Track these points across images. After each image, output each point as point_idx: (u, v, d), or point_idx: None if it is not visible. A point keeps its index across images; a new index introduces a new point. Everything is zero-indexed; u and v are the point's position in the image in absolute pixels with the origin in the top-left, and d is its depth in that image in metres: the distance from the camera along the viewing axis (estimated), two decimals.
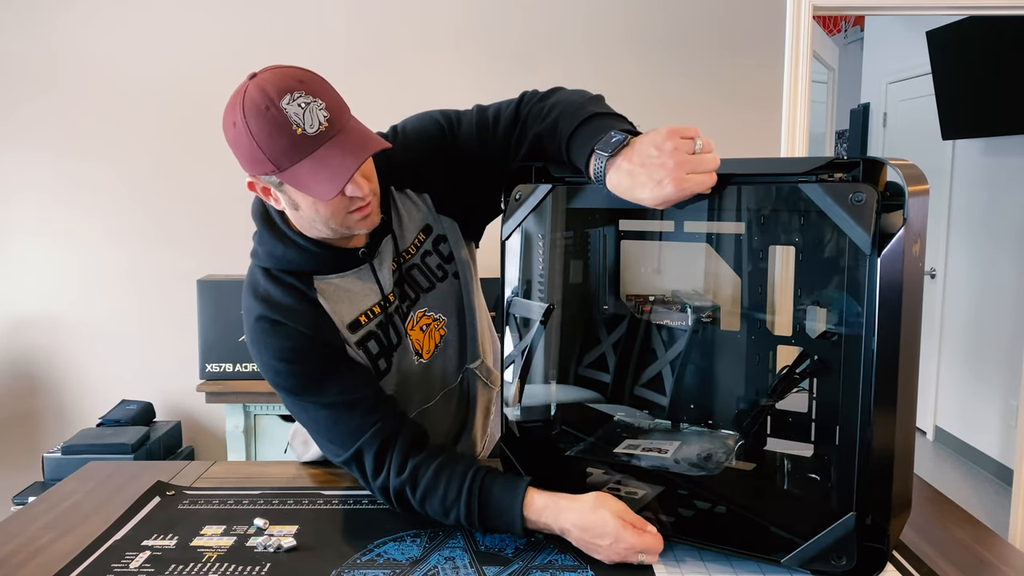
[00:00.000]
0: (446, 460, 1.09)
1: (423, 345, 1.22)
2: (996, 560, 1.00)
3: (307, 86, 1.00)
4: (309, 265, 1.13)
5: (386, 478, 1.09)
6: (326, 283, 1.14)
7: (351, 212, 1.06)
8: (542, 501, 1.04)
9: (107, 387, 2.87)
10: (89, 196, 2.83)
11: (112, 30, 2.77)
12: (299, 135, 0.97)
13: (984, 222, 3.92)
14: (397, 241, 1.19)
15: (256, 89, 0.98)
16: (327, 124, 0.99)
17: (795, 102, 2.78)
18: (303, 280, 1.13)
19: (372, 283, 1.17)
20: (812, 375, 1.01)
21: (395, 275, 1.18)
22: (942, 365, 4.29)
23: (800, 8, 2.74)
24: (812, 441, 1.06)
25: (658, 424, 1.19)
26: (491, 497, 1.05)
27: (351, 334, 1.15)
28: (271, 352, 1.10)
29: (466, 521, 1.06)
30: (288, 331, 1.10)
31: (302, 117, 0.98)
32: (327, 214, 1.05)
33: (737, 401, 1.09)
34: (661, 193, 0.94)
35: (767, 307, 1.06)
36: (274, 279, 1.13)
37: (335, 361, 1.13)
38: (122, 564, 1.01)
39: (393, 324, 1.19)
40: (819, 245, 0.94)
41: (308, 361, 1.11)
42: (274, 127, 0.97)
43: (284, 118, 0.97)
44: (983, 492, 3.68)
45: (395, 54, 2.77)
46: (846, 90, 4.93)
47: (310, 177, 0.99)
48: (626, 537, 0.99)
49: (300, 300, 1.12)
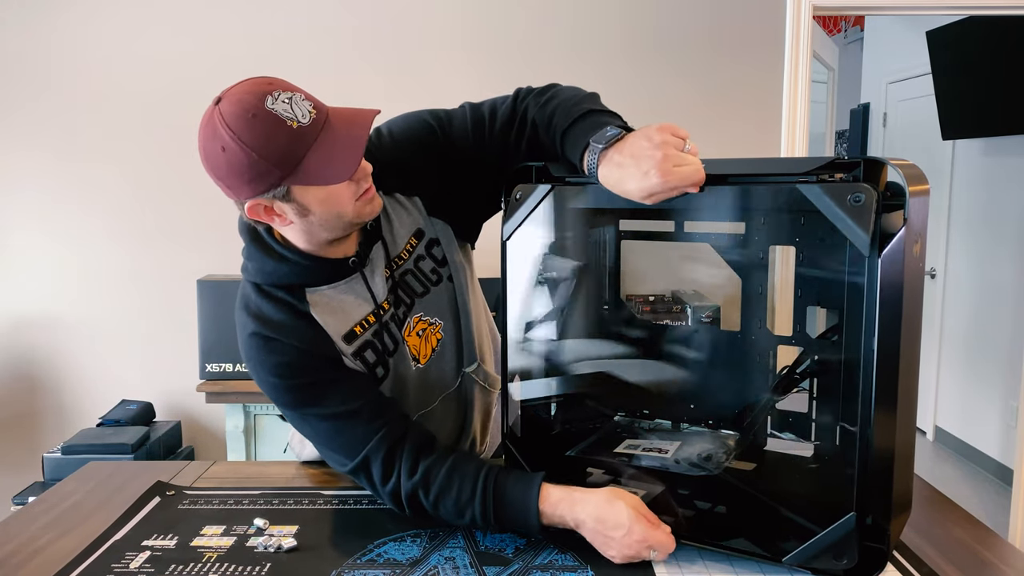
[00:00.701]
0: (458, 460, 1.08)
1: (420, 350, 1.21)
2: (996, 560, 1.00)
3: (277, 85, 0.98)
4: (299, 278, 1.11)
5: (396, 483, 1.08)
6: (318, 295, 1.12)
7: (359, 199, 1.05)
8: (558, 494, 1.04)
9: (107, 387, 2.87)
10: (89, 196, 2.83)
11: (113, 30, 2.77)
12: (296, 128, 0.96)
13: (984, 222, 3.92)
14: (388, 247, 1.17)
15: (232, 105, 0.95)
16: (315, 112, 0.98)
17: (795, 102, 2.78)
18: (295, 294, 1.11)
19: (365, 293, 1.15)
20: (812, 375, 1.01)
21: (389, 282, 1.17)
22: (942, 365, 4.29)
23: (800, 8, 2.74)
24: (812, 441, 1.06)
25: (658, 424, 1.19)
26: (506, 493, 1.05)
27: (347, 345, 1.13)
28: (266, 369, 1.09)
29: (481, 520, 1.05)
30: (282, 347, 1.08)
31: (292, 111, 0.96)
32: (340, 207, 1.04)
33: (737, 401, 1.09)
34: (647, 184, 0.94)
35: (767, 307, 1.06)
36: (265, 295, 1.11)
37: (332, 372, 1.11)
38: (122, 564, 1.01)
39: (389, 331, 1.17)
40: (819, 245, 0.94)
41: (304, 375, 1.09)
42: (268, 130, 0.94)
43: (274, 117, 0.95)
44: (983, 492, 3.68)
45: (396, 53, 2.77)
46: (846, 90, 4.93)
47: (321, 166, 0.97)
48: (639, 530, 1.00)
49: (293, 315, 1.10)
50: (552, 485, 1.05)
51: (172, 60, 2.78)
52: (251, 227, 1.12)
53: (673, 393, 1.16)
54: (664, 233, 1.12)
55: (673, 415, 1.16)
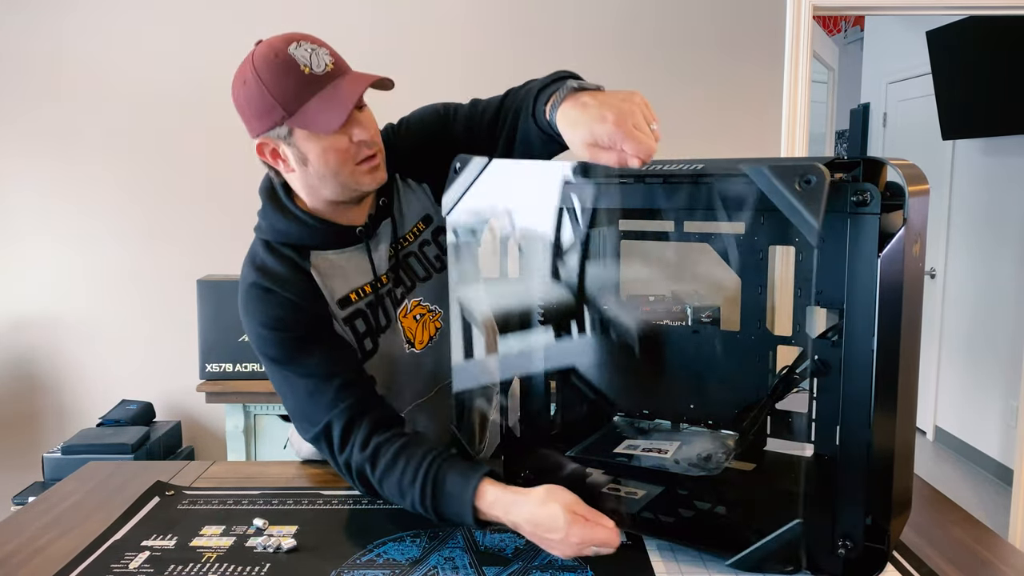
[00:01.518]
0: (408, 442, 1.09)
1: (415, 334, 1.23)
2: (996, 560, 1.00)
3: (307, 38, 1.08)
4: (307, 239, 1.16)
5: (350, 454, 1.10)
6: (322, 258, 1.17)
7: (359, 164, 1.10)
8: (493, 494, 1.02)
9: (107, 387, 2.87)
10: (90, 196, 2.83)
11: (113, 32, 2.77)
12: (307, 74, 1.04)
13: (984, 222, 3.92)
14: (396, 226, 1.22)
15: (264, 47, 1.07)
16: (332, 66, 1.06)
17: (795, 102, 2.78)
18: (300, 253, 1.17)
19: (366, 263, 1.19)
20: (812, 375, 1.01)
21: (391, 260, 1.21)
22: (942, 365, 4.28)
23: (800, 8, 2.74)
24: (812, 441, 1.06)
25: (658, 424, 1.19)
26: (445, 484, 1.04)
27: (340, 310, 1.17)
28: (258, 320, 1.13)
29: (420, 506, 1.06)
30: (278, 299, 1.13)
31: (309, 59, 1.05)
32: (336, 163, 1.08)
33: (737, 401, 1.09)
34: (599, 129, 0.91)
35: (766, 307, 1.06)
36: (272, 251, 1.16)
37: (320, 332, 1.15)
38: (122, 564, 1.01)
39: (383, 306, 1.21)
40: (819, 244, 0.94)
41: (293, 329, 1.13)
42: (283, 70, 1.04)
43: (293, 60, 1.04)
44: (983, 492, 3.68)
45: (399, 53, 2.77)
46: (846, 90, 4.93)
47: (317, 113, 1.04)
48: (576, 532, 0.96)
49: (293, 270, 1.15)
50: (491, 483, 1.03)
51: (173, 61, 2.78)
52: (270, 188, 1.19)
53: (673, 393, 1.16)
54: (661, 233, 1.12)
55: (673, 415, 1.16)
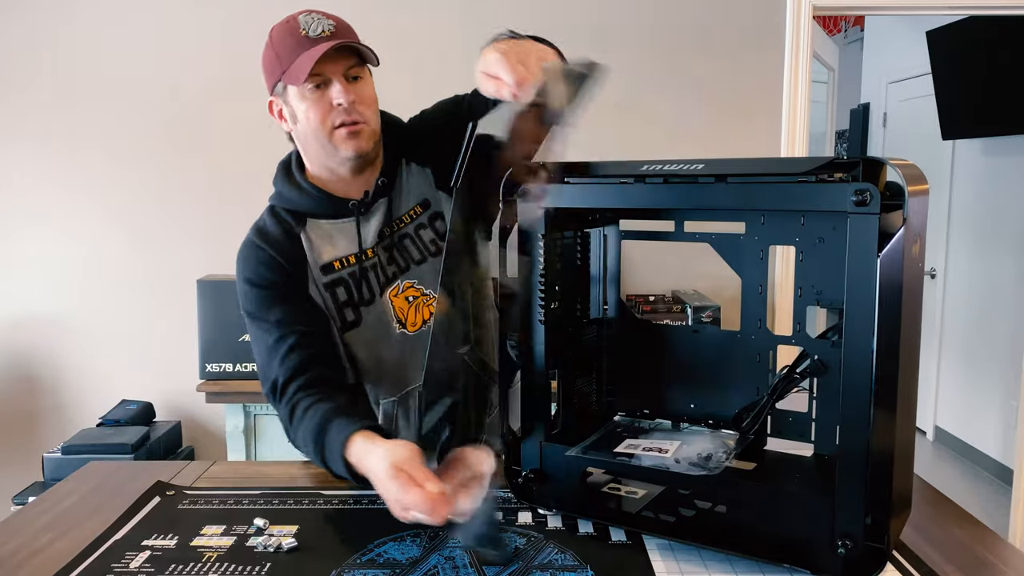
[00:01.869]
0: (322, 399, 1.13)
1: (407, 316, 1.28)
2: (996, 560, 1.00)
3: (325, 13, 1.20)
4: (305, 207, 1.27)
5: (285, 402, 1.16)
6: (316, 225, 1.27)
7: (337, 128, 1.19)
8: (360, 447, 1.01)
9: (107, 387, 2.87)
10: (90, 196, 2.83)
11: (114, 30, 2.77)
12: (302, 35, 1.17)
13: (984, 222, 3.92)
14: (392, 206, 1.29)
15: (284, 17, 1.20)
16: (328, 34, 1.17)
17: (795, 102, 2.78)
18: (297, 220, 1.27)
19: (354, 235, 1.27)
20: (812, 375, 1.01)
21: (385, 239, 1.28)
22: (942, 365, 4.29)
23: (800, 8, 2.74)
24: (812, 441, 1.06)
25: (658, 424, 1.19)
26: (328, 438, 1.07)
27: (322, 275, 1.25)
28: (243, 274, 1.23)
29: (318, 461, 1.11)
30: (264, 256, 1.23)
31: (309, 24, 1.18)
32: (316, 121, 1.18)
33: (737, 401, 1.09)
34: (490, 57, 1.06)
35: (767, 306, 1.06)
36: (275, 215, 1.27)
37: (293, 292, 1.23)
38: (122, 564, 1.01)
39: (367, 280, 1.27)
40: (819, 244, 0.94)
41: (271, 287, 1.22)
42: (287, 31, 1.18)
43: (296, 24, 1.18)
44: (983, 492, 3.68)
45: (401, 53, 2.77)
46: (846, 90, 4.93)
47: (296, 68, 1.15)
48: (391, 490, 0.92)
49: (286, 235, 1.25)
50: (363, 435, 1.02)
51: (174, 61, 2.78)
52: (287, 161, 1.31)
53: (673, 393, 1.16)
54: (664, 233, 1.12)
55: (673, 415, 1.16)
